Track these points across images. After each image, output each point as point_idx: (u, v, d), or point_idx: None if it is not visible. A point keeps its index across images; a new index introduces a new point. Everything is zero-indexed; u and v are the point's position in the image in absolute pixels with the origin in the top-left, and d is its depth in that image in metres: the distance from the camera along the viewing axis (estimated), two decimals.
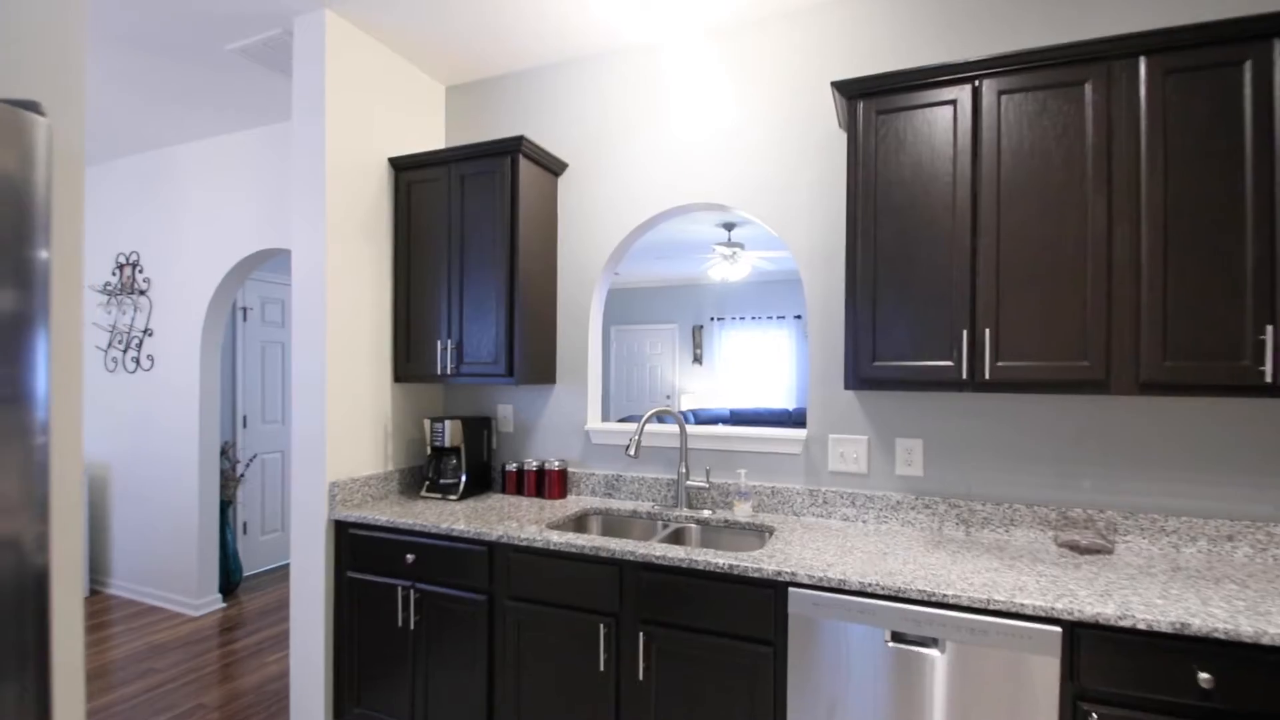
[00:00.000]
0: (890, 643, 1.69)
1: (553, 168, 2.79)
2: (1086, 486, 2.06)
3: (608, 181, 2.78)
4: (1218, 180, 1.67)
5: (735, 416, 7.79)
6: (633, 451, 2.36)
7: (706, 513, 2.44)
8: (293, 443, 2.56)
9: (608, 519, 2.56)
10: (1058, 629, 1.53)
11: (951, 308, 1.92)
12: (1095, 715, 1.50)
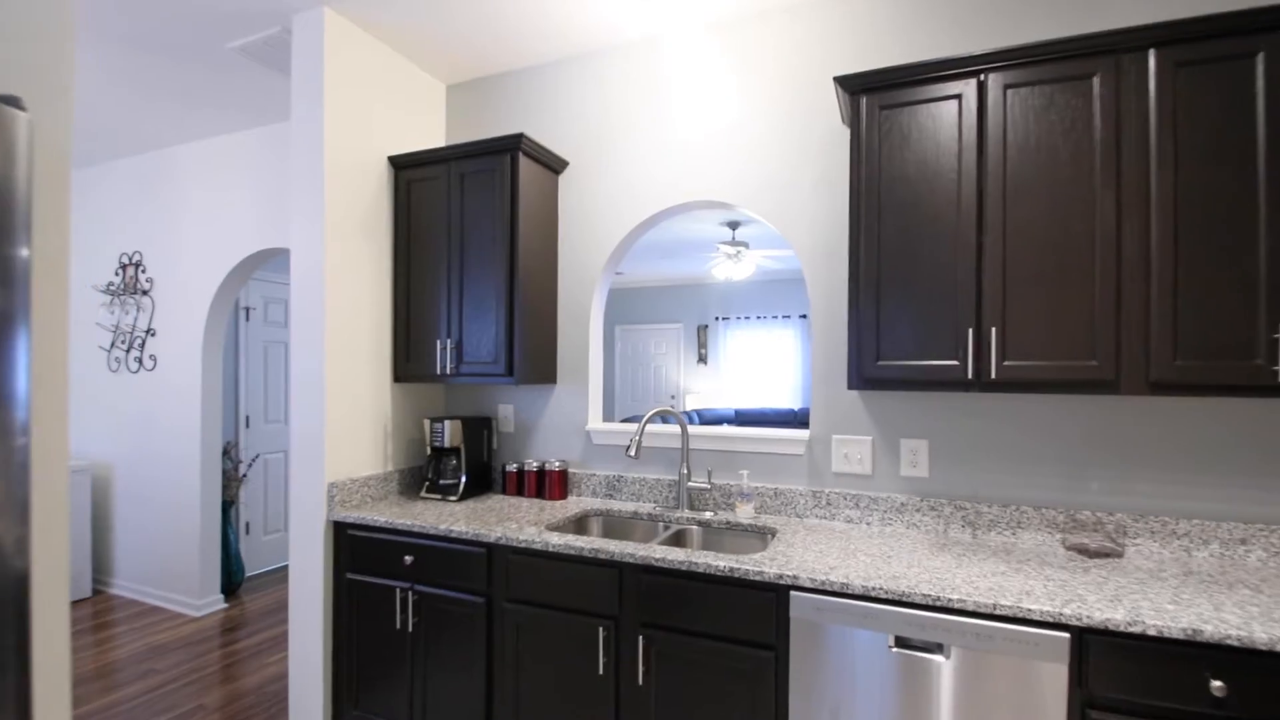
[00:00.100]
0: (894, 648, 1.66)
1: (553, 165, 2.77)
2: (1095, 488, 2.02)
3: (609, 179, 2.76)
4: (1230, 175, 1.63)
5: (740, 417, 7.76)
6: (633, 452, 2.33)
7: (708, 514, 2.41)
8: (291, 443, 2.55)
9: (608, 520, 2.53)
10: (1066, 635, 1.50)
11: (957, 306, 1.88)
12: None
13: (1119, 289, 1.73)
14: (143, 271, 4.16)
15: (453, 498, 2.67)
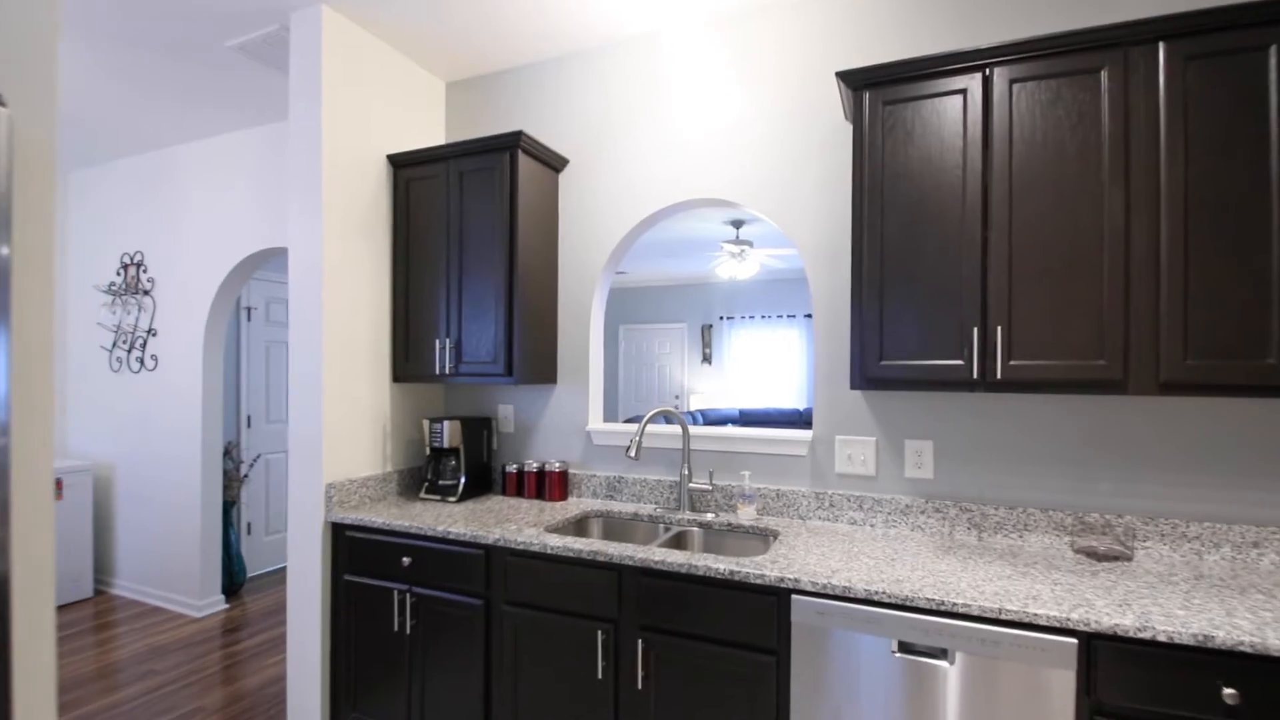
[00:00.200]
0: (897, 654, 1.62)
1: (553, 163, 2.74)
2: (1104, 490, 1.98)
3: (609, 177, 2.73)
4: (1241, 170, 1.59)
5: (745, 417, 7.72)
6: (633, 453, 2.30)
7: (709, 516, 2.38)
8: (290, 443, 2.53)
9: (608, 522, 2.50)
10: (1073, 640, 1.46)
11: (961, 305, 1.85)
12: None
13: (1127, 287, 1.69)
14: (144, 271, 4.15)
15: (452, 499, 2.64)
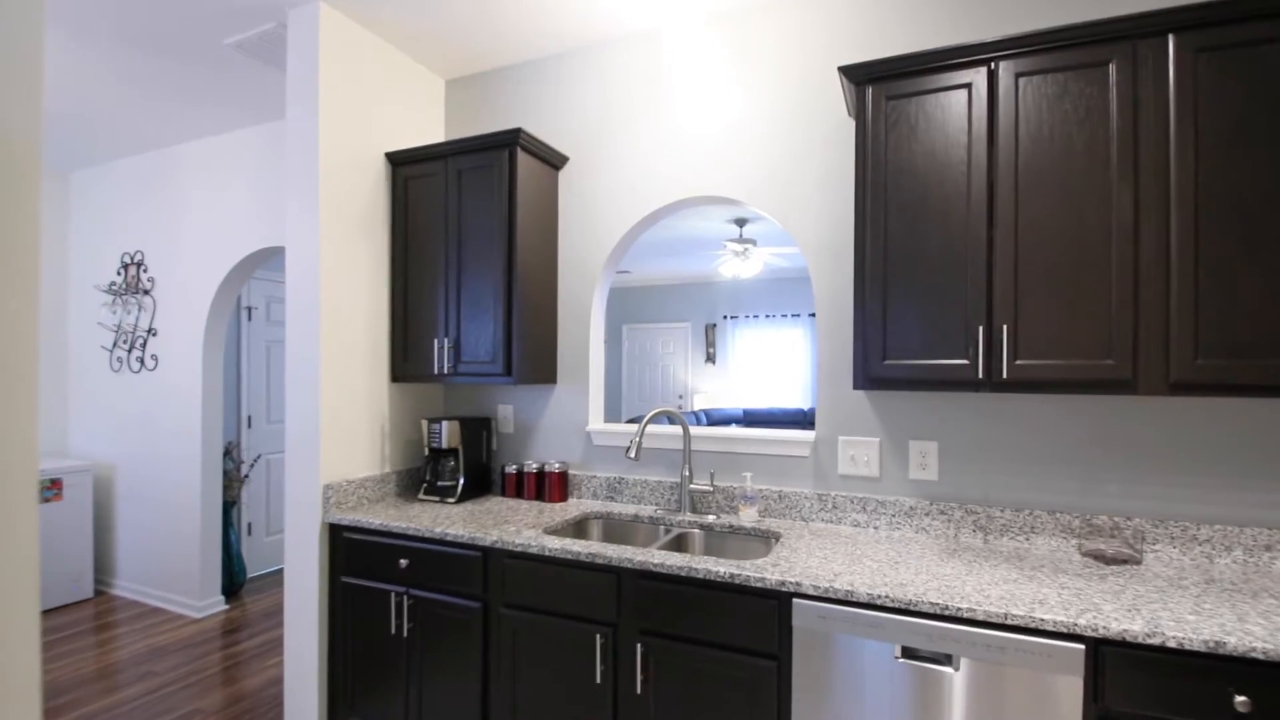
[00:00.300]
0: (900, 659, 1.59)
1: (553, 161, 2.71)
2: (1112, 492, 1.95)
3: (609, 175, 2.70)
4: (1253, 165, 1.56)
5: (749, 417, 7.68)
6: (633, 454, 2.27)
7: (710, 517, 2.35)
8: (287, 444, 2.51)
9: (608, 523, 2.47)
10: (1080, 646, 1.43)
11: (966, 303, 1.81)
12: None
13: (1137, 284, 1.66)
14: (144, 271, 4.14)
15: (451, 500, 2.62)
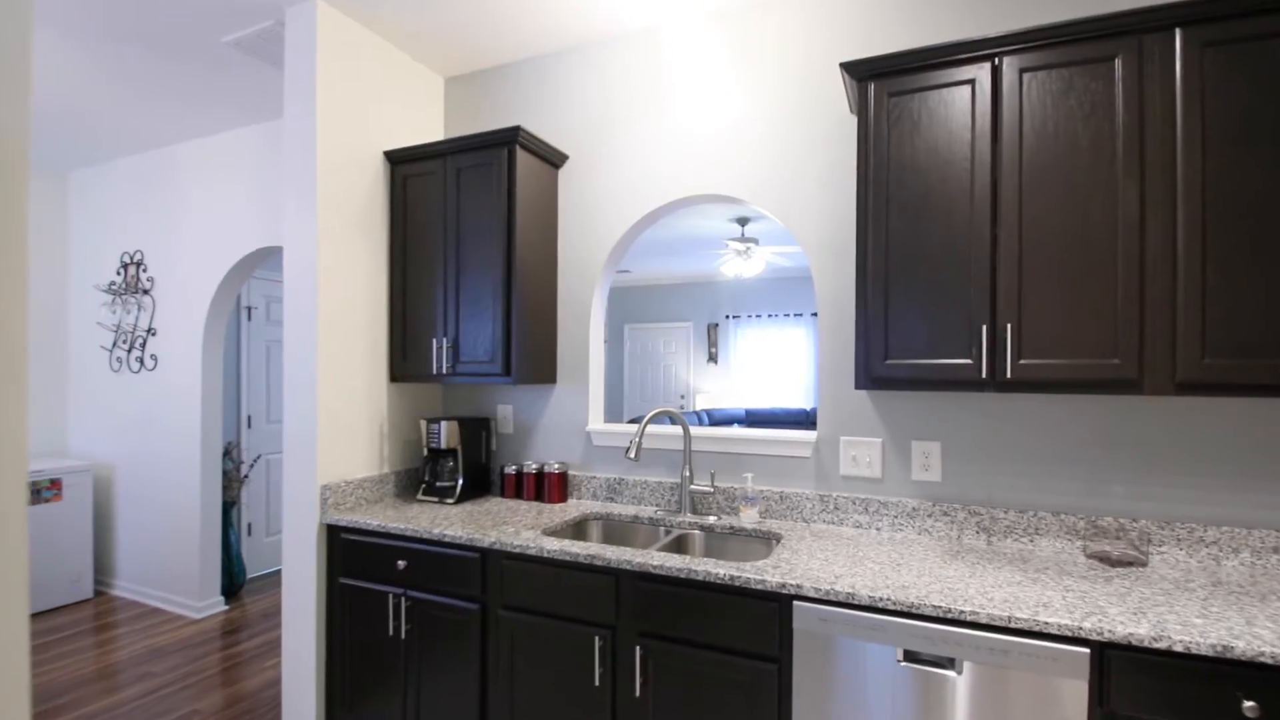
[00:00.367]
0: (902, 662, 1.57)
1: (552, 159, 2.69)
2: (1118, 493, 1.92)
3: (609, 173, 2.68)
4: (1261, 161, 1.53)
5: (751, 417, 7.65)
6: (633, 454, 2.25)
7: (711, 518, 2.33)
8: (285, 444, 2.49)
9: (608, 525, 2.45)
10: (1086, 650, 1.41)
11: (970, 302, 1.79)
12: None
13: (1143, 283, 1.63)
14: (144, 271, 4.13)
15: (449, 500, 2.60)
